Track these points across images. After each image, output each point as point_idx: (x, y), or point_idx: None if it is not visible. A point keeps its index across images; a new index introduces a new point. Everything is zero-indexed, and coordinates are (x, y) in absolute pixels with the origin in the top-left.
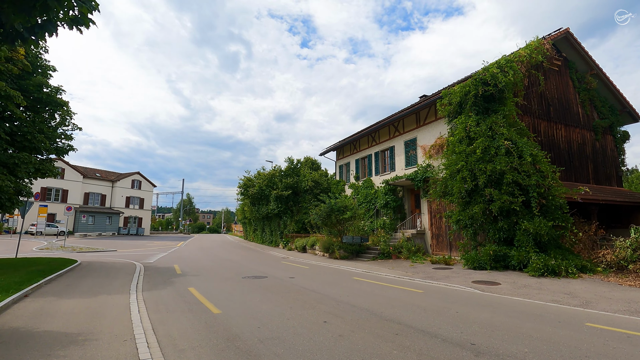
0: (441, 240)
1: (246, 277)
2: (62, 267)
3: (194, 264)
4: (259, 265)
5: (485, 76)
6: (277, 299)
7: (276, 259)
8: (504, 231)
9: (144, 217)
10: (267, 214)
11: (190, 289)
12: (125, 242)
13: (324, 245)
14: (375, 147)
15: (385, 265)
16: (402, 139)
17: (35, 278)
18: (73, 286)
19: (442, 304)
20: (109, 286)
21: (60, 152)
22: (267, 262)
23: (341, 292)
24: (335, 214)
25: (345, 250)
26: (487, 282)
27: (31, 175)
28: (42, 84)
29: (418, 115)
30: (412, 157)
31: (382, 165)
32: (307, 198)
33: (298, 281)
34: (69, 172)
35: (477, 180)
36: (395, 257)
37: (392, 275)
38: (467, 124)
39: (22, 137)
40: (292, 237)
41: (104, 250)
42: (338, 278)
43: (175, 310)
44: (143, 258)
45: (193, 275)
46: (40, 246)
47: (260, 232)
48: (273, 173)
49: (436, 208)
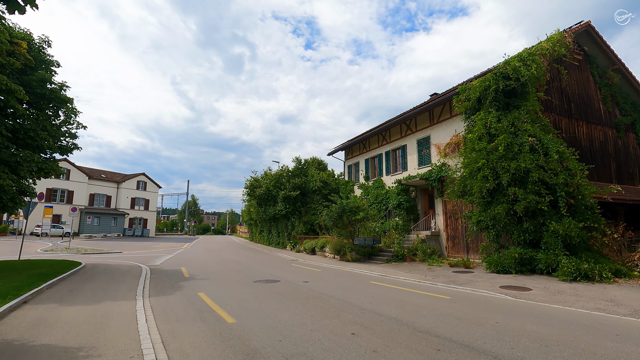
0: (457, 242)
1: (257, 281)
2: (65, 270)
3: (201, 266)
4: (269, 268)
5: (506, 70)
6: (295, 306)
7: (285, 262)
8: (529, 233)
9: (149, 219)
10: (274, 215)
11: (200, 294)
12: (130, 243)
13: (335, 247)
14: (385, 146)
15: (400, 268)
16: (415, 138)
17: (36, 282)
18: (76, 291)
19: (476, 312)
20: (114, 291)
21: (65, 151)
22: (277, 264)
23: (362, 299)
24: (347, 214)
25: (357, 253)
26: (516, 287)
27: (34, 175)
28: (45, 79)
29: (432, 112)
30: (426, 156)
31: (393, 164)
32: (315, 199)
33: (313, 286)
34: (75, 173)
35: (499, 178)
36: (409, 260)
37: (411, 279)
38: (487, 120)
39: (24, 134)
40: (300, 238)
41: (109, 252)
42: (355, 282)
43: (186, 319)
44: (149, 260)
45: (202, 278)
46: (45, 248)
47: (267, 234)
48: (280, 173)
49: (452, 209)
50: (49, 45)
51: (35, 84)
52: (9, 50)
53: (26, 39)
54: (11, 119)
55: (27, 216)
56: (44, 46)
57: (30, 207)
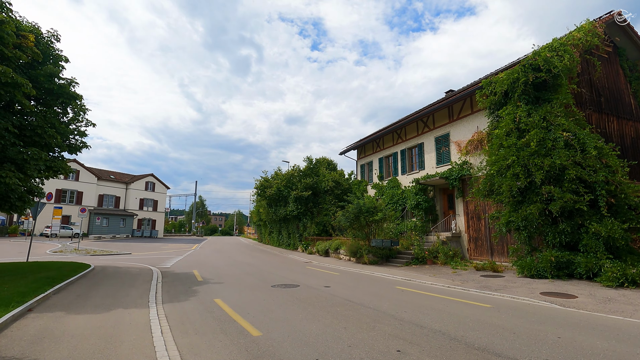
0: (480, 244)
1: (275, 285)
2: (74, 273)
3: (214, 269)
4: (284, 271)
5: (536, 61)
6: (322, 315)
7: (299, 264)
8: (565, 234)
9: (158, 220)
10: (285, 215)
11: (217, 300)
12: (139, 244)
13: (351, 249)
14: (401, 144)
15: (423, 271)
16: (433, 135)
17: (43, 287)
18: (84, 297)
19: (528, 324)
20: (125, 297)
21: (73, 149)
22: (291, 267)
23: (394, 307)
24: (364, 215)
25: (375, 255)
26: (558, 294)
27: (42, 173)
28: (53, 73)
29: (451, 109)
30: (445, 154)
31: (409, 163)
32: (327, 199)
33: (336, 291)
34: (84, 174)
35: (532, 176)
36: (430, 263)
37: (439, 284)
38: (516, 114)
39: (31, 131)
40: (312, 240)
41: (118, 253)
42: (379, 287)
43: (206, 330)
44: (159, 262)
45: (216, 282)
46: (54, 249)
47: (277, 235)
48: (292, 173)
49: (474, 209)
50: (57, 39)
51: (42, 79)
52: (15, 43)
53: (34, 33)
54: (18, 116)
55: (35, 216)
56: (52, 40)
57: (39, 207)
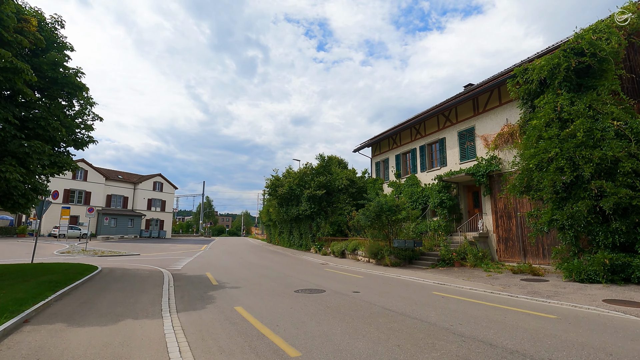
0: (511, 245)
1: (299, 290)
2: (80, 276)
3: (227, 271)
4: (302, 273)
5: (579, 45)
6: (365, 328)
7: (316, 266)
8: (620, 234)
9: (166, 220)
10: (297, 215)
11: (238, 308)
12: (147, 245)
13: (371, 250)
14: (420, 140)
15: (453, 274)
16: (455, 130)
17: (44, 293)
18: (89, 305)
19: (620, 342)
20: (134, 304)
21: (80, 144)
22: (308, 269)
23: (446, 318)
24: (386, 214)
25: (396, 256)
26: (624, 301)
27: (46, 170)
28: (57, 61)
29: (476, 101)
30: (470, 149)
31: (429, 160)
32: (341, 198)
33: (369, 297)
34: (92, 174)
35: (579, 170)
36: (458, 265)
37: (479, 289)
38: (556, 103)
39: (34, 123)
40: (326, 240)
41: (126, 254)
42: (415, 293)
43: (233, 349)
44: (169, 264)
45: (233, 287)
46: (61, 249)
47: (287, 235)
48: (304, 171)
49: (504, 207)
50: (62, 25)
51: (46, 67)
52: (16, 27)
53: (36, 17)
54: (23, 108)
55: (40, 216)
56: (57, 27)
57: (44, 206)
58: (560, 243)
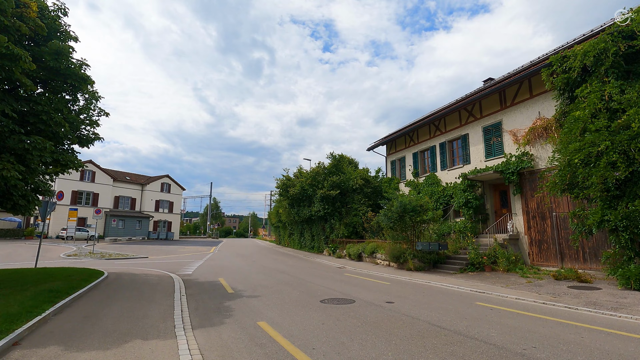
0: (546, 248)
1: (325, 300)
2: (84, 283)
3: (242, 277)
4: (322, 279)
5: (629, 27)
6: (422, 354)
7: (334, 270)
8: None
9: (174, 221)
10: (310, 216)
11: (262, 324)
12: (155, 247)
13: (392, 254)
14: (439, 137)
15: (487, 280)
16: (480, 125)
17: (42, 305)
18: (92, 320)
19: None
20: (143, 319)
21: (84, 142)
22: (327, 274)
23: (512, 339)
24: (410, 214)
25: (420, 260)
26: None
27: (48, 167)
28: (60, 51)
29: (503, 94)
30: (496, 145)
31: (450, 157)
32: (356, 198)
33: (407, 309)
34: (100, 175)
35: (635, 165)
36: (489, 270)
37: (526, 298)
38: (604, 92)
39: (35, 117)
40: (341, 242)
41: (134, 256)
42: (457, 304)
43: None
44: (178, 268)
45: (250, 296)
46: (68, 252)
47: (298, 237)
48: (317, 170)
49: (536, 207)
50: (65, 13)
51: (47, 57)
52: (15, 12)
53: (37, 2)
54: (23, 102)
55: (44, 217)
56: (59, 14)
57: (49, 207)
58: (613, 246)
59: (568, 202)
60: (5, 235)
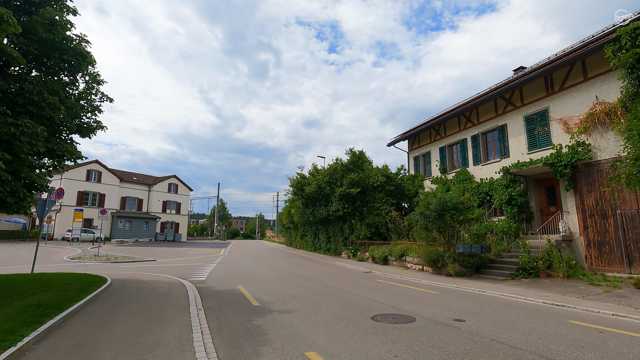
0: (608, 251)
1: (376, 317)
2: (81, 294)
3: (264, 284)
4: (354, 286)
5: None
6: None
7: (362, 275)
8: None
9: (181, 223)
10: (327, 216)
11: (311, 355)
12: (163, 249)
13: (428, 257)
14: (471, 129)
15: (550, 289)
16: (521, 114)
17: (21, 329)
18: (86, 350)
19: None
20: (154, 348)
21: (86, 131)
22: (357, 280)
23: None
24: (451, 213)
25: (461, 264)
26: None
27: (41, 159)
28: (54, 20)
29: (549, 78)
30: (542, 135)
31: (484, 151)
32: (377, 197)
33: (488, 331)
34: (106, 175)
35: None
36: (544, 275)
37: (629, 315)
38: None
39: (25, 98)
40: (362, 244)
41: (141, 259)
42: (543, 322)
43: None
44: (190, 272)
45: (282, 310)
46: (72, 255)
47: (312, 238)
48: (335, 167)
49: (594, 204)
50: None
51: (39, 29)
52: None
53: None
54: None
55: (41, 217)
56: None
57: (47, 206)
58: None
59: (637, 197)
60: (10, 237)
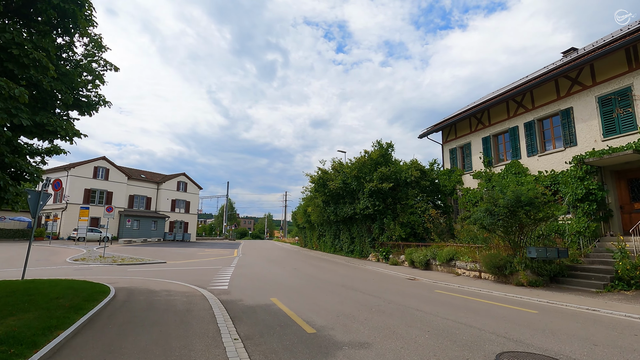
0: None
1: (502, 357)
2: (73, 315)
3: (302, 297)
4: (417, 300)
5: None
6: None
7: (412, 284)
8: None
9: (190, 222)
10: (353, 214)
11: None
12: (173, 249)
13: (492, 262)
14: (524, 115)
15: None
16: (592, 94)
17: None
18: None
19: None
20: None
21: (86, 107)
22: (411, 291)
23: None
24: (526, 209)
25: (534, 272)
26: None
27: (29, 137)
28: None
29: (632, 51)
30: (623, 118)
31: (540, 139)
32: (410, 193)
33: None
34: (114, 172)
35: None
36: None
37: None
38: None
39: (4, 53)
40: (395, 245)
41: (150, 262)
42: None
43: None
44: (207, 278)
45: (352, 343)
46: (75, 256)
47: (331, 239)
48: (363, 161)
49: None
50: None
51: None
52: None
53: None
54: None
55: (34, 212)
56: None
57: (41, 199)
58: None
59: None
60: (14, 236)
